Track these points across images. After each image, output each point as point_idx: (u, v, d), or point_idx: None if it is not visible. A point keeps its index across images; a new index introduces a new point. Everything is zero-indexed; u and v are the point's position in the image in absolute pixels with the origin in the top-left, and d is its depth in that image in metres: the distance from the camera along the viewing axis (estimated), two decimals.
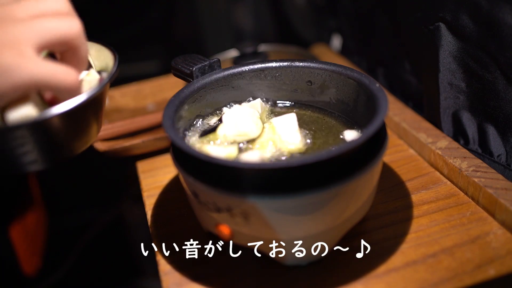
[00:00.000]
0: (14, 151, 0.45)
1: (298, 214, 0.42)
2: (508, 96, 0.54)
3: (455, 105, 0.61)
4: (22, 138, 0.44)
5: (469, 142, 0.61)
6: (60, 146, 0.48)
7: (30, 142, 0.45)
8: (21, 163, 0.47)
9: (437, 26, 0.59)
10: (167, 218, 0.56)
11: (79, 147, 0.50)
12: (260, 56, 0.76)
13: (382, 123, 0.44)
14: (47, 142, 0.46)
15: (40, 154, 0.47)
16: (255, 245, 0.45)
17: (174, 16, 1.27)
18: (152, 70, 1.22)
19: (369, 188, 0.46)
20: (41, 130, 0.44)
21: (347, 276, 0.46)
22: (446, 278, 0.44)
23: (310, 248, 0.46)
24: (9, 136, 0.44)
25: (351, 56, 0.87)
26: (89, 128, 0.49)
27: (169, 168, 0.64)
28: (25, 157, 0.46)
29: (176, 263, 0.49)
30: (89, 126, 0.49)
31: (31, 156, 0.46)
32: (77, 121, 0.47)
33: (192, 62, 0.54)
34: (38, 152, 0.46)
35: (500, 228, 0.49)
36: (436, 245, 0.48)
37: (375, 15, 0.76)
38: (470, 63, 0.58)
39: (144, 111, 0.80)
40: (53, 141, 0.47)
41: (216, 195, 0.42)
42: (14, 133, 0.43)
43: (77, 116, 0.46)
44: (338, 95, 0.53)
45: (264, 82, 0.55)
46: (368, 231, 0.51)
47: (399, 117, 0.66)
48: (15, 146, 0.45)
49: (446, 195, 0.55)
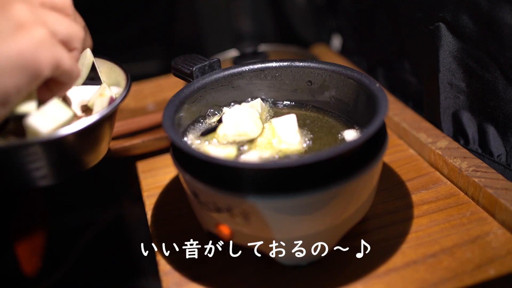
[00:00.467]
0: (25, 167, 0.46)
1: (298, 214, 0.42)
2: (508, 96, 0.54)
3: (455, 105, 0.61)
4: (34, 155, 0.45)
5: (469, 142, 0.61)
6: (70, 163, 0.49)
7: (42, 158, 0.46)
8: (32, 178, 0.47)
9: (437, 26, 0.59)
10: (167, 218, 0.56)
11: (89, 163, 0.51)
12: (260, 56, 0.76)
13: (382, 123, 0.44)
14: (58, 159, 0.47)
15: (50, 170, 0.47)
16: (255, 245, 0.45)
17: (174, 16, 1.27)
18: (152, 70, 1.22)
19: (369, 188, 0.46)
20: (52, 147, 0.45)
21: (347, 276, 0.46)
22: (446, 278, 0.44)
23: (310, 248, 0.46)
24: (22, 153, 0.44)
25: (351, 56, 0.87)
26: (99, 146, 0.50)
27: (169, 168, 0.64)
28: (35, 172, 0.47)
29: (176, 263, 0.49)
30: (100, 143, 0.50)
31: (41, 171, 0.47)
32: (88, 139, 0.48)
33: (192, 62, 0.54)
34: (49, 168, 0.47)
35: (500, 228, 0.49)
36: (436, 245, 0.48)
37: (375, 15, 0.76)
38: (470, 63, 0.58)
39: (144, 111, 0.80)
40: (64, 158, 0.48)
41: (216, 195, 0.42)
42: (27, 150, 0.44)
43: (88, 135, 0.47)
44: (338, 95, 0.53)
45: (264, 82, 0.55)
46: (368, 231, 0.51)
47: (399, 117, 0.66)
48: (26, 162, 0.45)
49: (446, 195, 0.55)
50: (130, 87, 0.51)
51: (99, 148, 0.51)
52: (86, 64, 0.52)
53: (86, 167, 0.51)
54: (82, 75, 0.52)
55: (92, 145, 0.49)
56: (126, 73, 0.53)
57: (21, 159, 0.45)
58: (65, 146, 0.46)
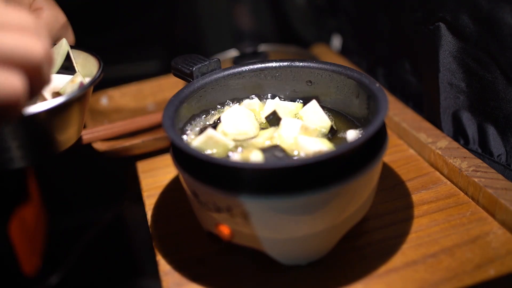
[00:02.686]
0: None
1: (298, 214, 0.42)
2: (508, 96, 0.54)
3: (455, 105, 0.61)
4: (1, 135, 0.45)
5: (469, 142, 0.61)
6: (40, 145, 0.50)
7: (10, 139, 0.46)
8: (2, 160, 0.48)
9: (437, 26, 0.59)
10: (167, 218, 0.56)
11: (58, 146, 0.51)
12: (260, 56, 0.76)
13: (382, 123, 0.44)
14: (27, 140, 0.48)
15: (20, 152, 0.48)
16: (255, 245, 0.45)
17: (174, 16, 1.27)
18: (152, 70, 1.22)
19: (369, 188, 0.46)
20: (21, 127, 0.45)
21: (347, 276, 0.46)
22: (446, 278, 0.44)
23: (310, 248, 0.46)
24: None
25: (351, 56, 0.87)
26: (68, 129, 0.51)
27: (169, 168, 0.64)
28: (5, 154, 0.47)
29: (176, 263, 0.49)
30: (69, 126, 0.51)
31: (12, 153, 0.47)
32: (57, 120, 0.48)
33: (192, 62, 0.54)
34: (19, 150, 0.48)
35: (500, 228, 0.49)
36: (436, 245, 0.48)
37: (375, 15, 0.76)
38: (470, 63, 0.58)
39: (144, 111, 0.80)
40: (34, 139, 0.48)
41: (216, 195, 0.42)
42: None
43: (56, 115, 0.48)
44: (338, 95, 0.53)
45: (264, 82, 0.55)
46: (368, 231, 0.51)
47: (399, 117, 0.66)
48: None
49: (446, 195, 0.55)
50: (101, 73, 0.52)
51: (68, 131, 0.51)
52: (61, 53, 0.54)
53: (56, 151, 0.52)
54: (57, 64, 0.54)
55: (61, 127, 0.50)
56: (99, 61, 0.54)
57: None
58: (33, 126, 0.47)
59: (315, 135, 0.49)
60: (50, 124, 0.48)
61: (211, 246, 0.51)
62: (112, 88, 0.83)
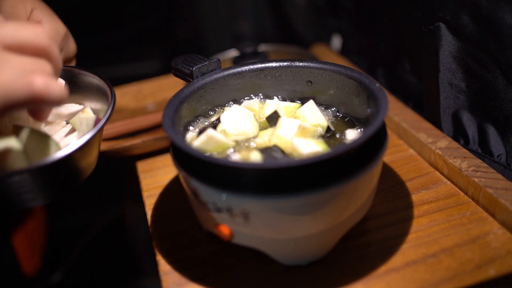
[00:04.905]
0: (15, 192, 0.47)
1: (298, 214, 0.42)
2: (508, 96, 0.54)
3: (455, 105, 0.61)
4: (23, 182, 0.46)
5: (469, 142, 0.61)
6: (63, 182, 0.50)
7: (31, 184, 0.47)
8: (22, 200, 0.48)
9: (437, 26, 0.59)
10: (167, 218, 0.56)
11: (80, 179, 0.52)
12: (260, 56, 0.76)
13: (382, 123, 0.44)
14: (47, 183, 0.48)
15: (40, 193, 0.48)
16: (255, 245, 0.45)
17: (175, 16, 1.27)
18: (152, 70, 1.22)
19: (369, 188, 0.46)
20: (42, 173, 0.46)
21: (347, 276, 0.46)
22: (446, 278, 0.44)
23: (310, 248, 0.46)
24: (11, 180, 0.45)
25: (351, 56, 0.87)
26: (86, 165, 0.52)
27: (169, 168, 0.64)
28: (25, 195, 0.48)
29: (176, 263, 0.49)
30: (90, 159, 0.51)
31: (31, 194, 0.48)
32: (77, 160, 0.49)
33: (192, 62, 0.54)
34: (39, 191, 0.48)
35: (500, 228, 0.49)
36: (436, 245, 0.48)
37: (375, 15, 0.76)
38: (470, 63, 0.58)
39: (144, 111, 0.80)
40: (54, 181, 0.49)
41: (216, 195, 0.42)
42: (16, 177, 0.45)
43: (76, 157, 0.48)
44: (338, 95, 0.53)
45: (264, 82, 0.55)
46: (368, 231, 0.51)
47: (399, 117, 0.66)
48: (16, 188, 0.46)
49: (446, 195, 0.55)
50: (114, 104, 0.51)
51: (86, 167, 0.52)
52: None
53: (77, 184, 0.52)
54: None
55: (82, 162, 0.50)
56: (111, 89, 0.53)
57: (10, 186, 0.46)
58: (54, 170, 0.47)
59: (312, 135, 0.49)
60: (72, 163, 0.48)
61: (211, 246, 0.51)
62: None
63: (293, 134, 0.48)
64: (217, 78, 0.54)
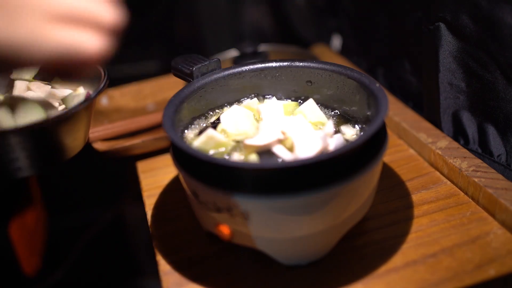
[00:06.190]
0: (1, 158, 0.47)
1: (298, 214, 0.42)
2: (508, 96, 0.54)
3: (455, 105, 0.61)
4: (8, 145, 0.46)
5: (469, 142, 0.61)
6: (48, 153, 0.50)
7: (19, 149, 0.46)
8: (9, 169, 0.49)
9: (437, 26, 0.59)
10: (167, 218, 0.56)
11: (66, 154, 0.52)
12: (260, 56, 0.76)
13: (382, 123, 0.44)
14: (36, 149, 0.48)
15: (29, 161, 0.48)
16: (255, 245, 0.45)
17: (174, 16, 1.27)
18: (152, 70, 1.22)
19: (369, 188, 0.46)
20: (29, 137, 0.46)
21: (347, 276, 0.46)
22: (446, 278, 0.44)
23: (310, 248, 0.46)
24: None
25: (351, 56, 0.87)
26: (76, 137, 0.51)
27: (169, 168, 0.64)
28: (13, 164, 0.48)
29: (176, 263, 0.49)
30: (77, 135, 0.51)
31: (20, 162, 0.48)
32: (65, 129, 0.49)
33: (192, 62, 0.54)
34: (27, 159, 0.48)
35: (500, 228, 0.49)
36: (436, 245, 0.48)
37: (375, 15, 0.76)
38: (470, 63, 0.58)
39: (144, 111, 0.80)
40: (42, 148, 0.49)
41: (216, 195, 0.42)
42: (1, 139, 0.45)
43: (65, 125, 0.48)
44: (338, 95, 0.53)
45: (264, 82, 0.55)
46: (368, 231, 0.51)
47: (399, 117, 0.66)
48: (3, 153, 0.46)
49: (446, 195, 0.55)
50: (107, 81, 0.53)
51: (75, 139, 0.52)
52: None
53: (63, 159, 0.52)
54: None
55: (68, 136, 0.51)
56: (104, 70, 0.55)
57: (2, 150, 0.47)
58: (41, 135, 0.47)
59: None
60: (57, 133, 0.49)
61: (211, 246, 0.51)
62: (112, 88, 0.83)
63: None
64: (217, 78, 0.54)
